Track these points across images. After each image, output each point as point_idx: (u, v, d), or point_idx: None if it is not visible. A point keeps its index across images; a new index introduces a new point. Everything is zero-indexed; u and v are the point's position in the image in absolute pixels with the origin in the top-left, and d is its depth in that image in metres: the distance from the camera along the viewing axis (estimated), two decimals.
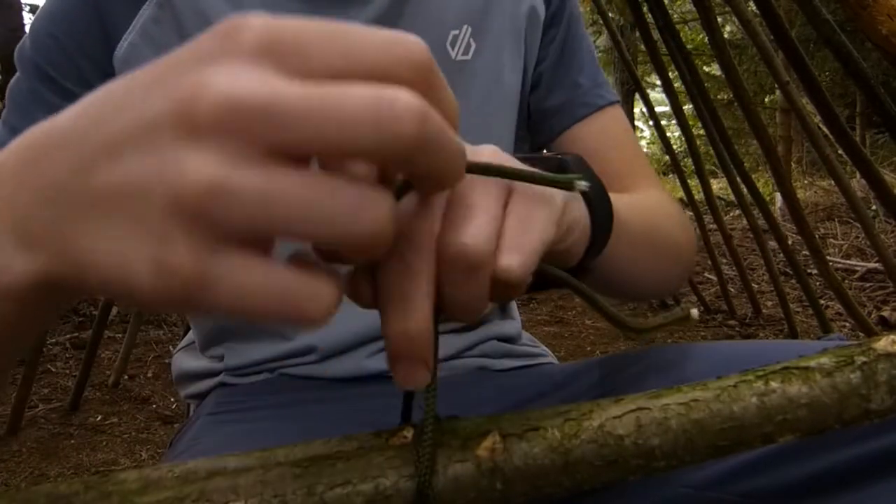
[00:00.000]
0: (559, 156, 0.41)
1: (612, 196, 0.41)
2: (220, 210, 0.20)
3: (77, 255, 0.23)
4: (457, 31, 0.62)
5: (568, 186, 0.31)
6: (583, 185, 0.31)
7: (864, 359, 0.27)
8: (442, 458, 0.26)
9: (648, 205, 0.58)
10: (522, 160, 0.33)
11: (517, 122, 0.66)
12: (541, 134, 0.68)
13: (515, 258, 0.28)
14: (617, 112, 0.68)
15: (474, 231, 0.27)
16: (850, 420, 0.27)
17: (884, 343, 0.27)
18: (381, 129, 0.21)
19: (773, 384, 0.27)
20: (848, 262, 3.71)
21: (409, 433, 0.28)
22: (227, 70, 0.21)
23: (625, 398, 0.28)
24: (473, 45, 0.63)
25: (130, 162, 0.21)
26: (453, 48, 0.62)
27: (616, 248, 0.42)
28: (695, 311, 0.32)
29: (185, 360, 0.72)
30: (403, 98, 0.21)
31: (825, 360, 0.27)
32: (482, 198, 0.29)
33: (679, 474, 0.46)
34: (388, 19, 0.59)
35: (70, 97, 0.55)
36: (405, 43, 0.23)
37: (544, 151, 0.69)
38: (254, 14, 0.22)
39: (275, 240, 0.23)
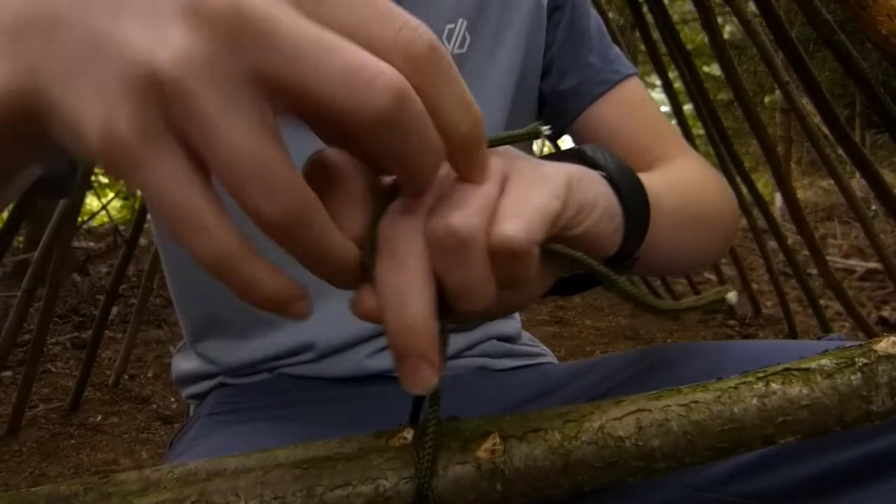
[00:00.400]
0: (576, 147, 0.40)
1: (645, 176, 0.40)
2: (174, 100, 0.21)
3: (47, 83, 0.23)
4: (452, 25, 0.62)
5: (533, 134, 0.32)
6: (545, 129, 0.32)
7: (864, 360, 0.27)
8: (442, 460, 0.26)
9: (683, 177, 0.57)
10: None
11: (513, 114, 0.66)
12: (560, 117, 0.67)
13: (514, 223, 0.27)
14: (634, 84, 0.67)
15: (462, 209, 0.27)
16: (851, 422, 0.27)
17: (884, 344, 0.27)
18: (355, 93, 0.22)
19: (774, 385, 0.27)
20: (848, 262, 3.71)
21: (408, 434, 0.28)
22: None
23: (625, 399, 0.28)
24: (469, 39, 0.63)
25: (128, 19, 0.22)
26: (449, 42, 0.62)
27: (658, 230, 0.41)
28: (732, 295, 0.31)
29: (181, 362, 0.72)
30: (387, 73, 0.22)
31: (826, 362, 0.27)
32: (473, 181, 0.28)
33: (679, 475, 0.46)
34: None
35: None
36: (413, 34, 0.24)
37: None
38: None
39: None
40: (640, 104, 0.66)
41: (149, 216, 1.72)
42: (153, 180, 0.22)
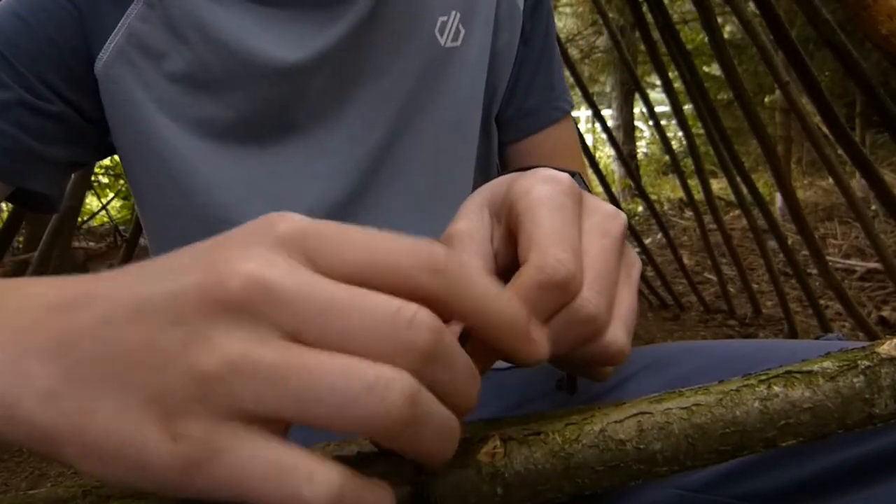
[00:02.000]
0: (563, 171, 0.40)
1: None
2: (238, 385, 0.21)
3: (82, 417, 0.22)
4: (445, 18, 0.61)
5: None
6: None
7: (867, 363, 0.27)
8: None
9: None
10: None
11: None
12: (509, 131, 0.68)
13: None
14: (571, 118, 0.71)
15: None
16: (854, 424, 0.26)
17: (887, 347, 0.27)
18: (398, 336, 0.22)
19: (776, 388, 0.26)
20: (848, 262, 3.71)
21: None
22: (259, 253, 0.23)
23: (626, 402, 0.28)
24: (463, 32, 0.62)
25: (155, 327, 0.22)
26: (442, 35, 0.61)
27: None
28: None
29: None
30: (422, 313, 0.22)
31: (828, 365, 0.27)
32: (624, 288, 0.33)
33: (673, 477, 0.46)
34: (377, 6, 0.58)
35: (23, 80, 0.52)
36: (427, 251, 0.24)
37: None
38: (294, 214, 0.24)
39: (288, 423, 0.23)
40: (576, 140, 0.71)
41: None
42: (234, 461, 0.21)
